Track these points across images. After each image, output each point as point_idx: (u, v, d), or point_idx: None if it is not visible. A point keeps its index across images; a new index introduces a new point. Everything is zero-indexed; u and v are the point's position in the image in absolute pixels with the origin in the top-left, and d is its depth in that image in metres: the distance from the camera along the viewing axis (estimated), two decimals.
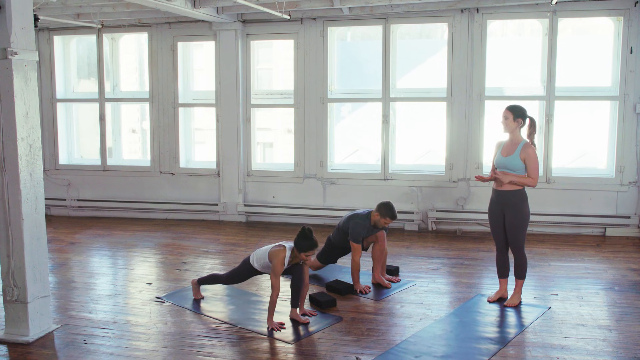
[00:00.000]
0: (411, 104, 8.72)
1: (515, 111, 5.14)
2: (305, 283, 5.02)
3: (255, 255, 5.13)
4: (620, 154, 7.63)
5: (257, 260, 5.09)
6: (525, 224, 5.18)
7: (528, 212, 5.20)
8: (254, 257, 5.13)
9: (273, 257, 4.89)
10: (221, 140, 8.77)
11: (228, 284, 5.48)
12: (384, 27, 8.11)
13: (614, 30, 7.62)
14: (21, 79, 4.49)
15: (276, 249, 4.93)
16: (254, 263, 5.11)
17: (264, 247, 5.15)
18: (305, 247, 4.79)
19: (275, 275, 4.82)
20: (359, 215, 5.80)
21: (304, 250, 4.80)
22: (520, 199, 5.16)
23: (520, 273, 5.28)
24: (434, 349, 4.45)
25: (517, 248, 5.22)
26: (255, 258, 5.11)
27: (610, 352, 4.35)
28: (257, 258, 5.09)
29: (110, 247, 7.61)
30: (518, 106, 5.19)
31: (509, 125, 5.17)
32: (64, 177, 9.46)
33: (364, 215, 5.79)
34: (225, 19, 8.21)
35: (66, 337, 4.72)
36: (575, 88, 7.87)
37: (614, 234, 7.67)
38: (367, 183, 8.36)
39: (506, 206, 5.16)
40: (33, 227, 4.64)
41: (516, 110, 5.14)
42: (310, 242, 4.78)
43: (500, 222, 5.23)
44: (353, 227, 5.73)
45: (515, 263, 5.28)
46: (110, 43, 9.27)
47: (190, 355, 4.39)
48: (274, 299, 4.81)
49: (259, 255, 5.08)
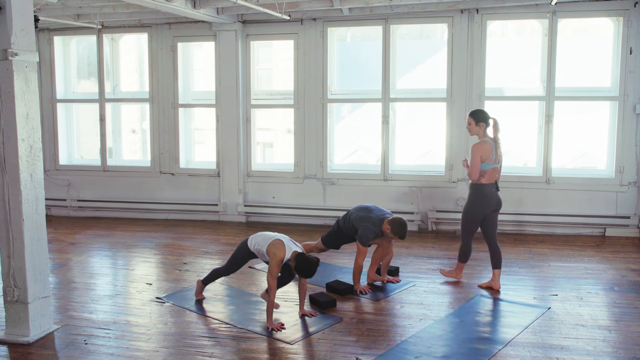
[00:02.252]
0: (411, 105, 8.74)
1: (475, 117, 5.69)
2: (302, 283, 5.02)
3: (255, 239, 5.09)
4: (619, 154, 7.64)
5: (255, 244, 5.06)
6: (469, 214, 5.73)
7: (479, 208, 5.69)
8: (253, 240, 5.10)
9: (271, 255, 4.86)
10: (221, 141, 8.78)
11: (229, 273, 5.44)
12: (383, 28, 8.12)
13: (614, 30, 7.62)
14: (22, 80, 4.50)
15: (275, 245, 4.87)
16: (252, 246, 5.09)
17: (263, 234, 5.10)
18: (302, 273, 4.80)
19: (272, 276, 4.82)
20: (371, 220, 5.63)
21: (300, 273, 4.81)
22: (473, 192, 5.71)
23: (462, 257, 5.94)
24: (434, 349, 4.46)
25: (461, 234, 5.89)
26: (253, 242, 5.08)
27: (610, 352, 4.36)
28: (255, 242, 5.06)
29: (111, 247, 7.61)
30: (478, 111, 5.76)
31: (473, 130, 5.73)
32: (64, 177, 9.47)
33: (376, 221, 5.62)
34: (225, 20, 8.22)
35: (66, 337, 4.72)
36: (575, 88, 7.87)
37: (614, 234, 7.68)
38: (367, 183, 8.37)
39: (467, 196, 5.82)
40: (33, 227, 4.65)
41: (476, 116, 5.69)
42: (309, 273, 4.78)
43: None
44: (363, 231, 5.62)
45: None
46: (111, 43, 9.28)
47: (190, 355, 4.40)
48: (271, 300, 4.82)
49: (258, 241, 5.04)
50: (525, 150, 8.35)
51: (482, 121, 5.66)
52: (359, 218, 5.73)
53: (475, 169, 5.61)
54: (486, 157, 5.62)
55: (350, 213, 5.91)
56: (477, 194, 5.68)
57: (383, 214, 5.71)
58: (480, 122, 5.66)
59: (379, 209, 5.79)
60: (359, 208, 5.87)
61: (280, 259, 4.82)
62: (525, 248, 7.22)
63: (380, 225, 5.60)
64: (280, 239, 4.92)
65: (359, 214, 5.76)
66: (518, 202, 7.91)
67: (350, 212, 5.92)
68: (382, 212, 5.75)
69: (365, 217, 5.69)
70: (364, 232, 5.61)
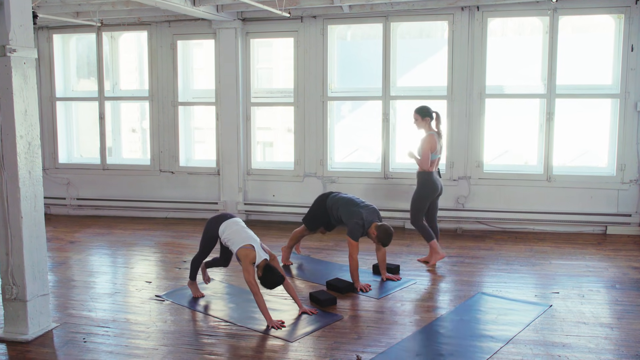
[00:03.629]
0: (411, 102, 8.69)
1: (421, 113, 6.27)
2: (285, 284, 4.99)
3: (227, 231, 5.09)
4: (621, 152, 7.61)
5: (226, 240, 5.10)
6: (422, 200, 6.28)
7: (430, 192, 6.30)
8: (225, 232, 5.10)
9: (242, 257, 4.87)
10: (221, 139, 8.75)
11: (206, 256, 5.49)
12: (384, 26, 8.09)
13: (615, 27, 7.59)
14: (20, 76, 4.48)
15: (244, 250, 4.87)
16: (222, 237, 5.12)
17: (237, 230, 5.08)
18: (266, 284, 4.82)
19: (251, 275, 4.80)
20: (360, 216, 5.67)
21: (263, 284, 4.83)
22: (422, 180, 6.30)
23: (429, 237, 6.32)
24: (434, 347, 4.43)
25: (412, 221, 6.32)
26: (225, 234, 5.10)
27: (612, 350, 4.33)
28: (227, 237, 5.08)
29: (110, 245, 7.59)
30: (423, 107, 6.30)
31: (419, 124, 6.30)
32: (64, 176, 9.44)
33: (366, 221, 5.67)
34: (225, 17, 8.19)
35: (65, 335, 4.70)
36: (576, 86, 7.85)
37: (615, 232, 7.65)
38: (367, 181, 8.34)
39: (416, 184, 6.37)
40: (32, 225, 4.63)
41: (422, 112, 6.27)
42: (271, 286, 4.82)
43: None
44: (352, 228, 5.67)
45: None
46: (110, 41, 9.24)
47: (189, 353, 4.38)
48: (260, 298, 4.80)
49: (230, 237, 5.04)
50: (526, 148, 8.33)
51: (427, 116, 6.26)
52: (348, 213, 5.78)
53: (426, 159, 6.22)
54: (434, 149, 6.25)
55: (334, 200, 6.00)
56: (426, 181, 6.29)
57: (372, 214, 5.74)
58: (426, 117, 6.26)
59: (364, 204, 5.84)
60: (347, 201, 5.92)
61: (251, 259, 4.83)
62: (526, 246, 7.20)
63: (369, 226, 5.69)
64: (252, 244, 4.92)
65: (348, 209, 5.81)
66: (519, 200, 7.89)
67: (334, 200, 6.01)
68: (369, 210, 5.76)
69: (355, 212, 5.73)
70: (353, 228, 5.67)
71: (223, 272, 6.26)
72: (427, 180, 6.30)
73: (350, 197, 6.00)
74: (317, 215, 6.24)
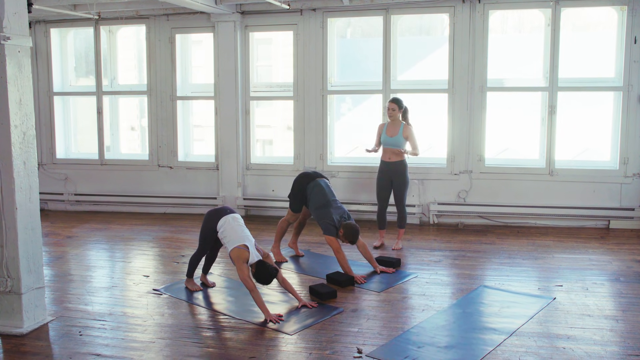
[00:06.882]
0: (412, 96, 8.61)
1: (399, 103, 6.72)
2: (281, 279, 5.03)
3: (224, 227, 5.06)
4: (624, 145, 7.53)
5: (222, 236, 5.07)
6: (407, 185, 6.78)
7: (409, 177, 6.82)
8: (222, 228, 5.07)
9: (235, 257, 4.84)
10: (220, 133, 8.67)
11: (205, 253, 5.47)
12: (384, 18, 8.01)
13: (618, 20, 7.51)
14: (14, 65, 4.40)
15: (238, 250, 4.84)
16: (220, 233, 5.08)
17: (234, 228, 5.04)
18: (260, 280, 4.82)
19: (244, 273, 4.76)
20: (331, 218, 5.75)
21: (258, 280, 4.82)
22: (404, 168, 6.73)
23: (402, 224, 6.84)
24: (437, 339, 4.35)
25: (402, 204, 6.79)
26: (221, 230, 5.07)
27: (618, 342, 4.26)
28: (223, 234, 5.05)
29: (108, 240, 7.51)
30: (399, 99, 6.78)
31: (396, 114, 6.71)
32: (61, 171, 9.35)
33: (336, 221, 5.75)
34: (223, 10, 8.11)
35: (61, 328, 4.62)
36: (578, 79, 7.76)
37: (618, 226, 7.57)
38: (367, 176, 8.24)
39: (394, 174, 6.73)
40: (27, 216, 4.54)
41: (400, 103, 6.74)
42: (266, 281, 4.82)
43: (388, 186, 6.79)
44: (326, 227, 5.76)
45: (399, 216, 6.83)
46: (108, 36, 9.16)
47: (187, 346, 4.30)
48: (257, 294, 4.75)
49: (227, 235, 5.01)
50: (528, 142, 8.24)
51: (402, 107, 6.73)
52: (319, 214, 5.86)
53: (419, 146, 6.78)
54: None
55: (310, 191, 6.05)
56: (407, 168, 6.78)
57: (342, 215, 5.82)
58: (401, 109, 6.72)
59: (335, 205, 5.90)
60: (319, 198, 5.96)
61: (244, 259, 4.80)
62: (529, 240, 7.12)
63: (339, 226, 5.75)
64: (247, 244, 4.88)
65: (319, 211, 5.88)
66: (521, 195, 7.81)
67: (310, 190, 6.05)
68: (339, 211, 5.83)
69: (326, 213, 5.81)
70: (327, 227, 5.76)
71: (221, 266, 6.19)
72: (406, 167, 6.77)
73: (322, 193, 5.98)
74: (298, 197, 6.28)
